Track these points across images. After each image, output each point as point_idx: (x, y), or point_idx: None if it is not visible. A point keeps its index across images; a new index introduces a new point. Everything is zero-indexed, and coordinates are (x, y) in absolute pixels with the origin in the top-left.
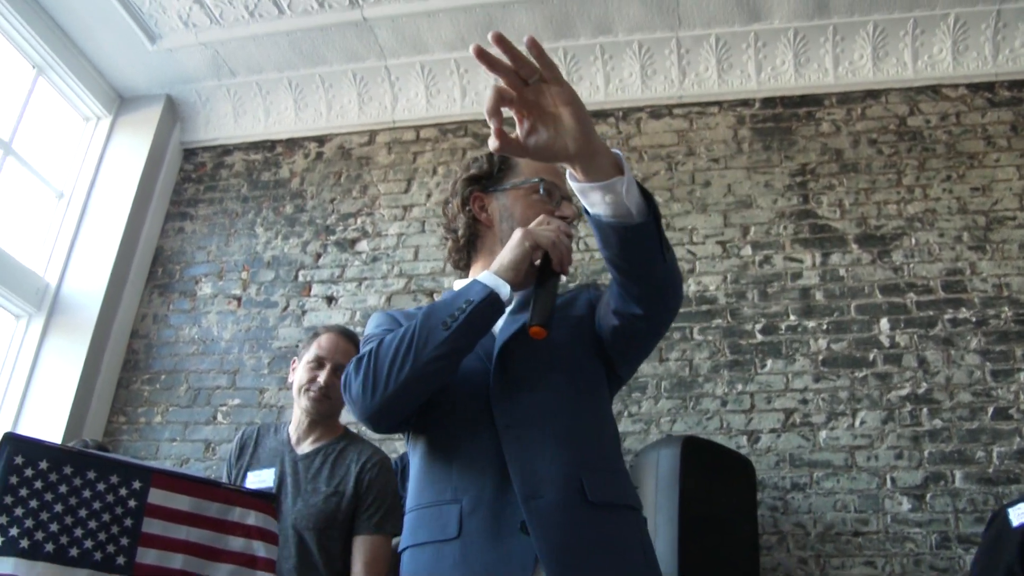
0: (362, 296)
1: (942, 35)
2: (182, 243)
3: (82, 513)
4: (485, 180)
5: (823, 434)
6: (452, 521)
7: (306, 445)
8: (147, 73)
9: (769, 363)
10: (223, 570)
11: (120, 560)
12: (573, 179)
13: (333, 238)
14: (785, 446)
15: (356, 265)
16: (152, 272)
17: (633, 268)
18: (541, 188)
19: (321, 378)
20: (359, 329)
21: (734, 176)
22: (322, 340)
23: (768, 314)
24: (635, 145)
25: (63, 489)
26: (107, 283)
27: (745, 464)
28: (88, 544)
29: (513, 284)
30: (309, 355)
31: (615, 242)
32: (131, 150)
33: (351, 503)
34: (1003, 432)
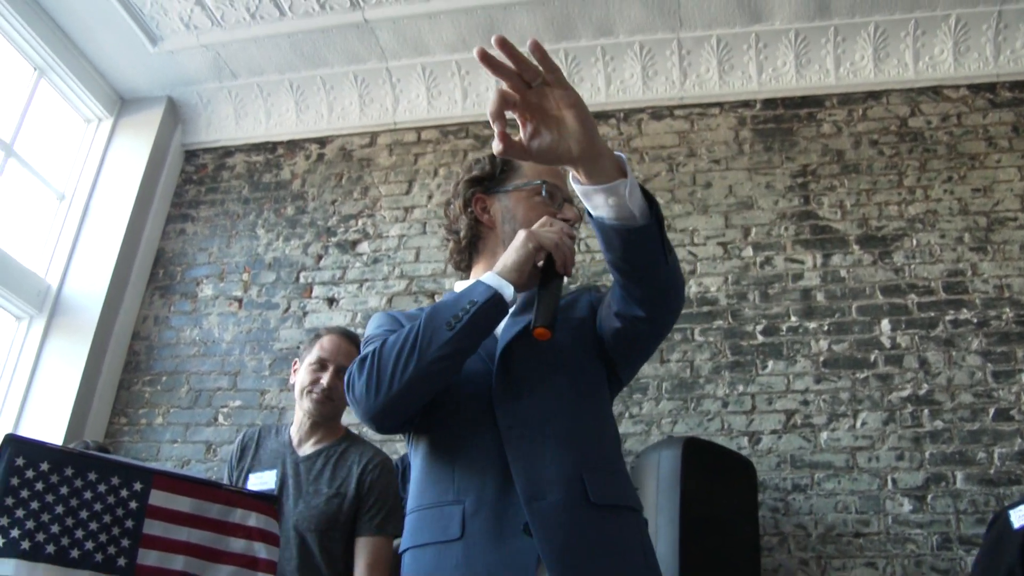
0: (363, 298)
1: (943, 36)
2: (183, 245)
3: (83, 514)
4: (487, 181)
5: (824, 435)
6: (455, 522)
7: (308, 447)
8: (148, 75)
9: (770, 364)
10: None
11: (121, 561)
12: (576, 182)
13: (334, 240)
14: (786, 447)
15: (357, 267)
16: (153, 274)
17: (635, 270)
18: (543, 190)
19: (324, 380)
20: (360, 331)
21: (735, 177)
22: (324, 342)
23: (769, 315)
24: (636, 146)
25: (64, 490)
26: (108, 285)
27: (746, 465)
28: (89, 545)
29: (516, 285)
30: (311, 357)
31: (618, 244)
32: (132, 152)
33: (353, 504)
34: (1004, 433)
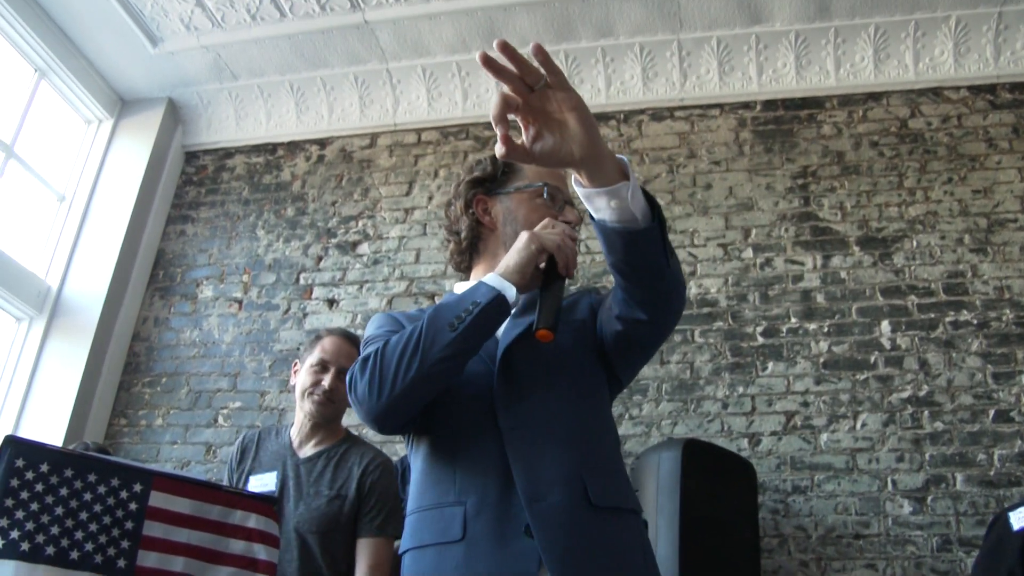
0: (363, 299)
1: (943, 37)
2: (183, 246)
3: (83, 516)
4: (489, 183)
5: (824, 437)
6: (456, 523)
7: (308, 448)
8: (149, 76)
9: (770, 366)
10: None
11: (121, 563)
12: (578, 184)
13: (334, 241)
14: (786, 449)
15: (357, 268)
16: (153, 275)
17: (637, 273)
18: (545, 192)
19: (325, 382)
20: (361, 332)
21: (735, 178)
22: (325, 343)
23: (769, 316)
24: (636, 147)
25: (64, 492)
26: (108, 286)
27: (746, 467)
28: (89, 547)
29: (519, 287)
30: (312, 358)
31: (620, 247)
32: (133, 153)
33: (353, 506)
34: (1004, 435)
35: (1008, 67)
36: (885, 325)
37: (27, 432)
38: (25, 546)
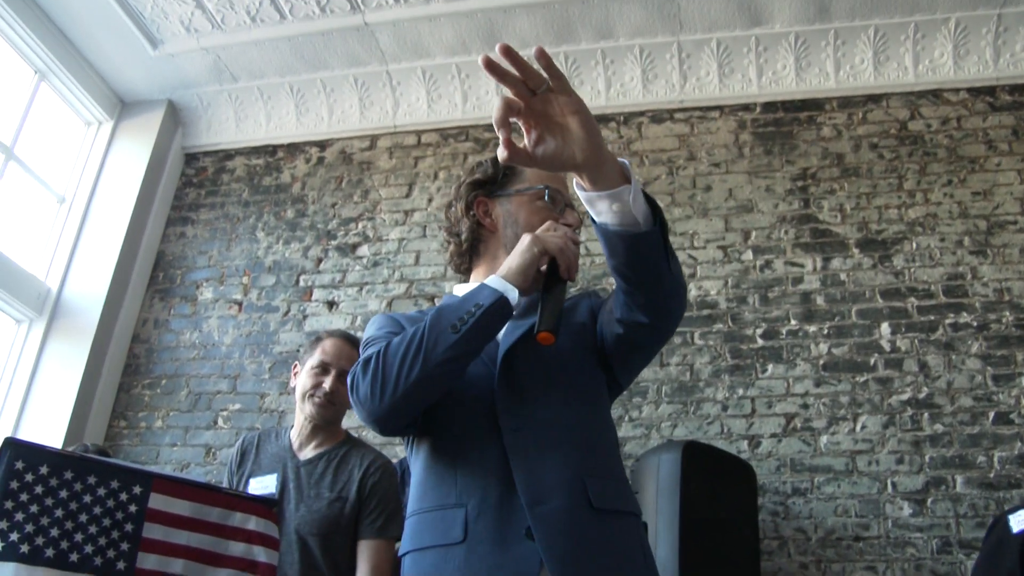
0: (363, 301)
1: (943, 39)
2: (183, 248)
3: (83, 518)
4: (489, 185)
5: (824, 439)
6: (457, 525)
7: (308, 450)
8: (149, 78)
9: (770, 368)
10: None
11: (120, 565)
12: (580, 188)
13: (334, 243)
14: (786, 451)
15: (357, 270)
16: (153, 277)
17: (639, 277)
18: (546, 194)
19: (326, 384)
20: (360, 334)
21: (735, 180)
22: (326, 345)
23: (769, 319)
24: (636, 149)
25: (64, 494)
26: (108, 288)
27: (746, 469)
28: (88, 549)
29: (521, 289)
30: (313, 360)
31: (622, 250)
32: (132, 155)
33: (354, 508)
34: (1004, 437)
35: (1008, 69)
36: (885, 327)
37: (27, 434)
38: (25, 548)
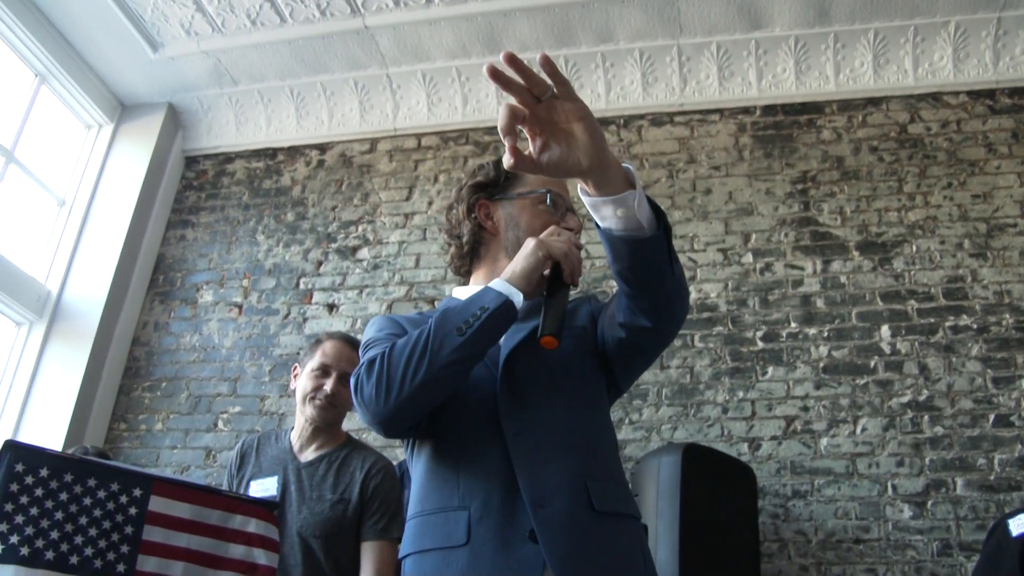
0: (363, 304)
1: (943, 42)
2: (183, 251)
3: (83, 520)
4: (491, 188)
5: (824, 441)
6: (460, 528)
7: (309, 453)
8: (149, 81)
9: (770, 370)
10: None
11: (120, 568)
12: (584, 193)
13: (334, 246)
14: (786, 453)
15: (357, 273)
16: (153, 279)
17: (643, 281)
18: (548, 198)
19: (328, 386)
20: (361, 337)
21: (735, 183)
22: (326, 347)
23: (769, 321)
24: (636, 153)
25: (64, 496)
26: (108, 290)
27: (746, 471)
28: (88, 552)
29: (525, 293)
30: (313, 363)
31: (626, 255)
32: (133, 158)
33: (357, 509)
34: (1004, 439)
35: (1007, 72)
36: (885, 330)
37: (27, 437)
38: (24, 551)
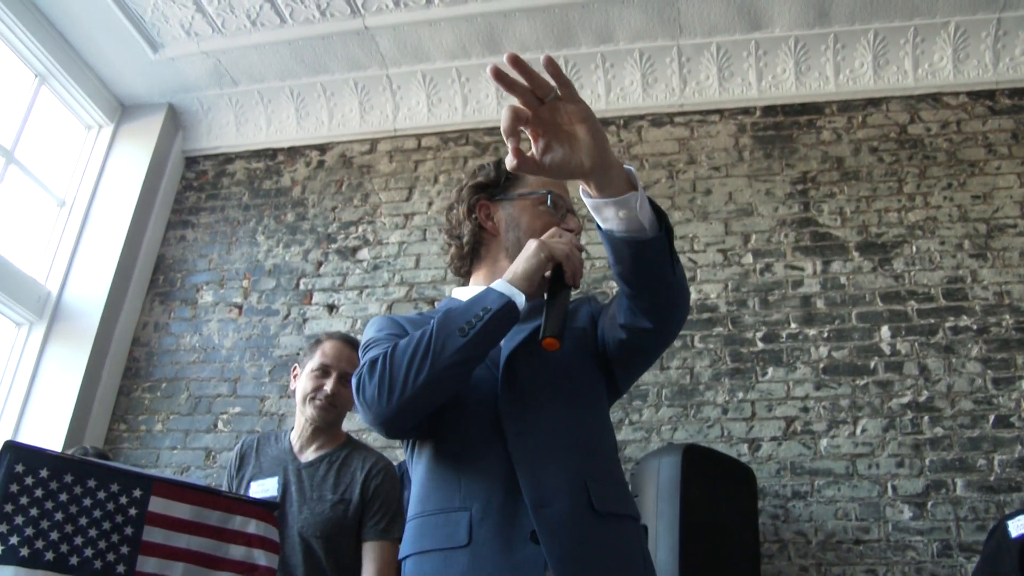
0: (363, 304)
1: (943, 43)
2: (183, 251)
3: (82, 521)
4: (492, 188)
5: (824, 442)
6: (462, 529)
7: (309, 453)
8: (149, 81)
9: (770, 371)
10: None
11: (120, 568)
12: (586, 195)
13: (334, 246)
14: (786, 454)
15: (357, 273)
16: (153, 280)
17: (644, 282)
18: (548, 199)
19: (328, 386)
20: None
21: (735, 184)
22: (326, 347)
23: (769, 322)
24: (636, 153)
25: (64, 497)
26: (108, 291)
27: (746, 472)
28: (88, 552)
29: (527, 294)
30: (313, 363)
31: (627, 257)
32: (133, 158)
33: (358, 510)
34: (1004, 440)
35: (1007, 73)
36: (885, 330)
37: (27, 437)
38: (24, 551)
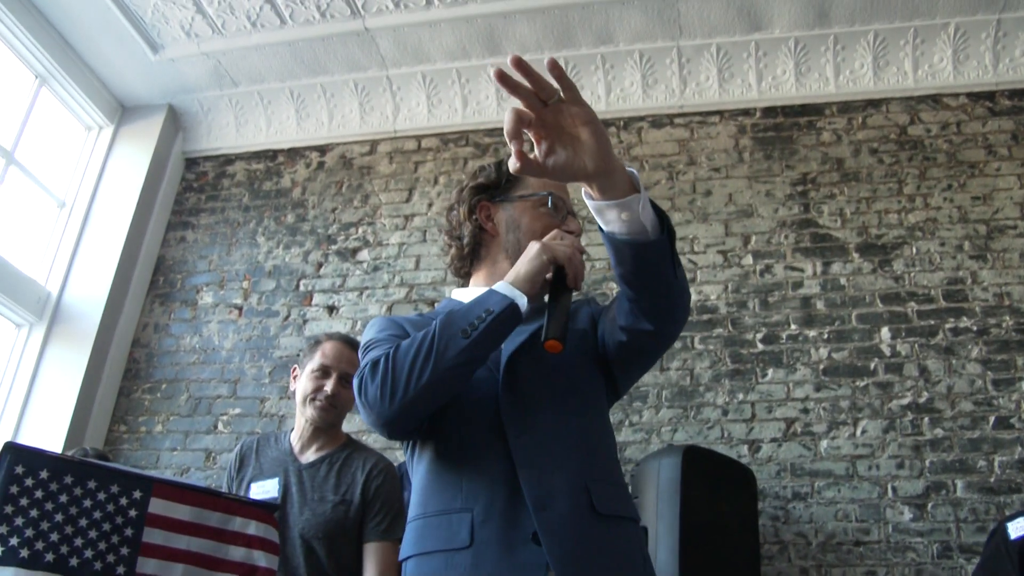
0: (363, 305)
1: (942, 44)
2: (183, 252)
3: (83, 523)
4: (492, 190)
5: (824, 443)
6: (463, 530)
7: (310, 454)
8: (149, 83)
9: (770, 372)
10: None
11: (120, 570)
12: (589, 197)
13: (334, 247)
14: (786, 455)
15: (357, 274)
16: (153, 281)
17: (645, 284)
18: (549, 201)
19: (328, 387)
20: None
21: (735, 185)
22: (326, 348)
23: (769, 323)
24: (636, 155)
25: (64, 499)
26: (108, 292)
27: (746, 473)
28: (88, 554)
29: (528, 296)
30: (313, 364)
31: (629, 258)
32: (133, 159)
33: (359, 511)
34: (1004, 441)
35: (1007, 74)
36: (885, 332)
37: (27, 439)
38: (24, 553)
